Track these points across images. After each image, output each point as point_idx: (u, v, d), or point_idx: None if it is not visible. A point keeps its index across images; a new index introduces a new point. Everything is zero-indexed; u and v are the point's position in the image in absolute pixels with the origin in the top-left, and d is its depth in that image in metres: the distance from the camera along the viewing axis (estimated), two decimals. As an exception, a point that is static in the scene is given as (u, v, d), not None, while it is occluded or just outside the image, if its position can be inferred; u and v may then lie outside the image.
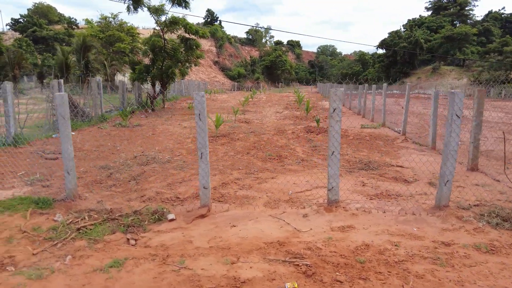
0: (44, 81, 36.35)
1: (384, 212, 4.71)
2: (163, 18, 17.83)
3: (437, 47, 58.85)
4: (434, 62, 57.54)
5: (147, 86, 22.27)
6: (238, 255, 3.55)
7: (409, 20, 71.47)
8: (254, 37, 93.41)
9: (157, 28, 18.65)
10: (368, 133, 11.68)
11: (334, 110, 4.51)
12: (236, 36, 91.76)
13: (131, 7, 16.95)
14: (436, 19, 68.04)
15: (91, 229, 4.25)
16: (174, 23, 17.35)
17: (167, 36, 18.48)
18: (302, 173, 6.79)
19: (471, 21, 68.94)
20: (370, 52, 79.15)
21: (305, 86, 73.69)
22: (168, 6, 17.34)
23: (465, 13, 70.19)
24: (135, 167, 7.33)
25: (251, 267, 3.32)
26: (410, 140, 10.40)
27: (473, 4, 69.49)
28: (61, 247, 3.89)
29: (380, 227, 4.25)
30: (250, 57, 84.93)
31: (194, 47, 17.48)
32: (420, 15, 73.33)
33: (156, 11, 16.98)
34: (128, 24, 40.06)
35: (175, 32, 18.88)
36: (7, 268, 3.47)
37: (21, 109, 12.18)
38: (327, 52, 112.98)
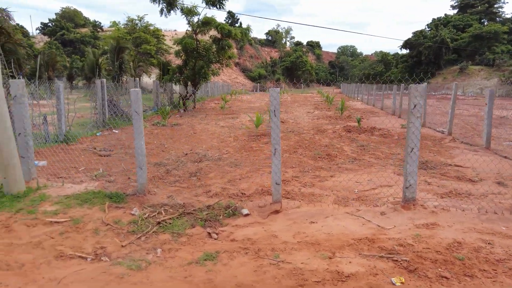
0: (73, 82, 37.45)
1: (463, 210, 4.56)
2: (195, 19, 18.04)
3: (464, 46, 57.13)
4: (461, 61, 55.85)
5: (176, 87, 22.59)
6: (332, 250, 3.50)
7: (433, 19, 69.69)
8: (274, 38, 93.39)
9: (189, 29, 18.87)
10: (411, 132, 11.40)
11: (414, 106, 4.40)
12: (256, 38, 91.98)
13: (165, 9, 17.23)
14: (463, 17, 66.04)
15: (170, 223, 4.30)
16: (206, 23, 17.52)
17: (199, 36, 18.66)
18: (360, 172, 6.68)
19: (500, 19, 66.55)
20: (391, 52, 77.73)
21: (324, 87, 72.99)
22: (200, 8, 17.46)
23: (494, 10, 67.83)
24: (189, 164, 7.40)
25: (350, 262, 3.27)
26: (458, 140, 10.08)
27: (502, 1, 67.06)
28: (146, 240, 3.94)
29: (465, 225, 4.11)
30: (270, 58, 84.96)
31: (226, 48, 17.58)
32: (445, 14, 71.41)
33: (189, 12, 17.19)
34: (154, 26, 40.81)
35: (205, 33, 19.08)
36: (102, 258, 3.54)
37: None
38: (347, 52, 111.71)
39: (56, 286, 3.02)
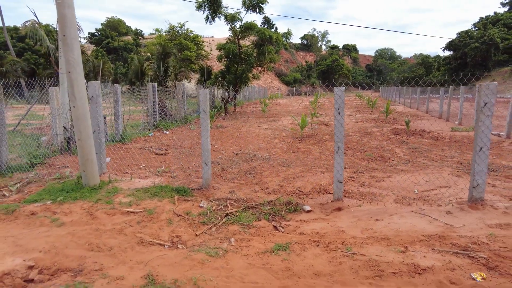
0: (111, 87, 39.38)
1: (538, 213, 4.35)
2: (237, 24, 18.49)
3: (516, 46, 53.48)
4: (512, 62, 52.32)
5: (217, 91, 23.18)
6: (404, 245, 3.51)
7: (481, 18, 65.98)
8: (310, 42, 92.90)
9: (231, 34, 19.36)
10: (463, 136, 10.95)
11: (485, 105, 4.29)
12: (291, 42, 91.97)
13: (210, 16, 17.82)
14: (514, 15, 61.96)
15: (237, 216, 4.50)
16: (248, 29, 17.90)
17: (240, 42, 19.08)
18: (416, 173, 6.54)
19: (557, 16, 61.63)
20: (432, 55, 74.44)
21: (362, 90, 71.28)
22: (243, 13, 17.86)
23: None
24: (241, 163, 7.63)
25: (425, 256, 3.27)
26: (518, 143, 9.53)
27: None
28: (217, 230, 4.16)
29: (543, 228, 3.93)
30: (306, 62, 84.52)
31: (267, 52, 17.83)
32: (495, 12, 67.37)
33: (232, 18, 17.66)
34: (193, 33, 42.18)
35: (246, 38, 19.48)
36: (178, 246, 3.80)
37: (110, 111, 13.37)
38: (385, 55, 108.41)
39: (144, 268, 3.29)
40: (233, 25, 18.35)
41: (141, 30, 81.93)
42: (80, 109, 5.01)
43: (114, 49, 63.89)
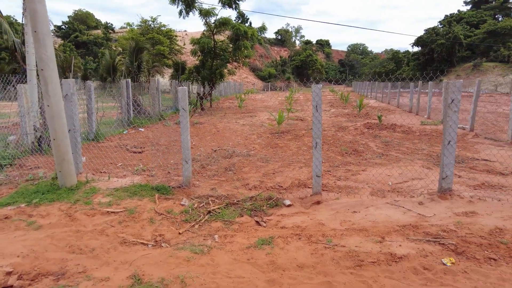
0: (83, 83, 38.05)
1: (499, 200, 4.70)
2: (212, 19, 18.32)
3: (478, 42, 56.32)
4: (475, 58, 55.10)
5: (192, 86, 22.92)
6: (381, 235, 3.70)
7: (446, 16, 68.86)
8: (284, 37, 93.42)
9: (206, 29, 19.16)
10: (432, 129, 11.50)
11: (452, 101, 4.56)
12: (265, 37, 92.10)
13: (184, 10, 17.54)
14: (476, 13, 65.12)
15: (219, 212, 4.55)
16: (223, 24, 17.78)
17: (215, 37, 18.93)
18: (390, 166, 6.84)
19: (515, 15, 65.38)
20: (402, 50, 77.02)
21: (335, 86, 72.53)
22: (217, 8, 17.70)
23: (509, 5, 66.70)
24: (220, 159, 7.66)
25: (400, 245, 3.47)
26: (480, 136, 10.14)
27: (517, -4, 65.83)
28: (200, 228, 4.20)
29: (504, 214, 4.26)
30: (280, 57, 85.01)
31: (243, 48, 17.80)
32: (458, 10, 70.53)
33: (207, 13, 17.48)
34: (166, 27, 41.33)
35: (221, 33, 19.34)
36: (162, 245, 3.81)
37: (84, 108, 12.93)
38: (357, 50, 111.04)
39: (129, 268, 3.28)
40: (207, 20, 18.16)
41: (112, 24, 79.32)
42: (54, 108, 4.86)
43: (83, 44, 61.43)
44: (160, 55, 36.35)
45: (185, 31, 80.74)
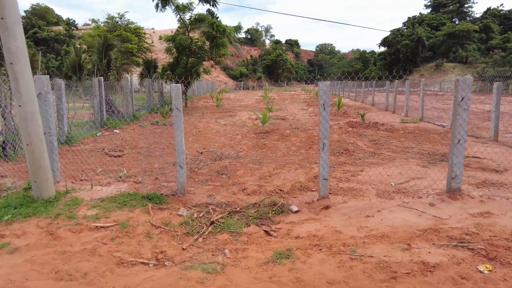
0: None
1: (508, 199, 4.65)
2: (187, 15, 17.66)
3: (439, 44, 59.24)
4: (436, 59, 57.90)
5: (166, 85, 22.06)
6: (405, 242, 3.46)
7: (409, 18, 71.87)
8: (254, 36, 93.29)
9: (180, 25, 18.44)
10: (414, 127, 11.66)
11: (462, 99, 4.44)
12: (235, 36, 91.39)
13: (160, 4, 16.73)
14: (436, 16, 68.49)
15: (223, 222, 4.13)
16: (199, 20, 17.18)
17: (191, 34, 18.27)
18: (385, 165, 6.71)
19: (471, 18, 69.47)
20: (368, 50, 79.42)
21: (305, 85, 73.43)
22: (195, 3, 17.06)
23: (464, 10, 70.77)
24: (209, 162, 7.20)
25: (429, 252, 3.25)
26: (461, 132, 10.34)
27: (472, 1, 70.04)
28: (205, 241, 3.77)
29: (517, 214, 4.18)
30: (251, 56, 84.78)
31: (220, 46, 17.29)
32: (420, 13, 73.86)
33: (184, 8, 16.79)
34: (135, 24, 39.73)
35: (195, 30, 18.71)
36: (165, 264, 3.34)
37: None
38: (325, 50, 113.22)
39: (131, 294, 2.81)
40: (182, 16, 17.46)
41: (74, 21, 75.30)
42: (28, 108, 4.21)
43: (44, 40, 57.73)
44: (128, 53, 34.84)
45: (152, 29, 78.36)
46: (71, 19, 75.23)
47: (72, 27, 69.71)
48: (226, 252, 3.47)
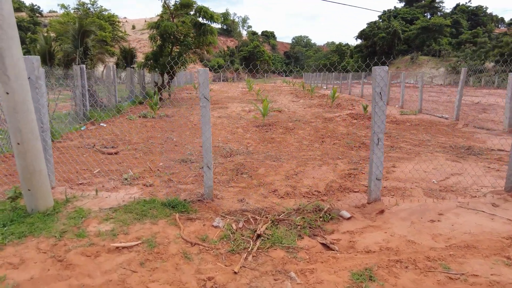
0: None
1: None
2: (172, 1, 16.49)
3: (413, 37, 60.49)
4: (411, 52, 59.14)
5: (149, 75, 20.79)
6: (502, 254, 2.93)
7: (385, 11, 72.91)
8: (230, 27, 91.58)
9: (162, 11, 17.24)
10: (416, 119, 11.38)
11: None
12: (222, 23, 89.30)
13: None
14: (410, 10, 69.89)
15: (270, 234, 3.44)
16: (185, 6, 16.08)
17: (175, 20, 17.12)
18: (414, 160, 6.24)
19: (441, 13, 71.49)
20: (343, 43, 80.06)
21: (282, 77, 73.24)
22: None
23: (436, 5, 72.66)
24: (220, 159, 6.45)
25: (541, 270, 2.72)
26: (469, 125, 10.13)
27: (443, -4, 71.91)
28: (256, 260, 3.07)
29: None
30: (227, 47, 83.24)
31: (208, 34, 16.30)
32: (395, 7, 75.08)
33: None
34: (108, 12, 37.47)
35: (179, 17, 17.56)
36: (217, 293, 2.62)
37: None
38: (301, 43, 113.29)
39: None
40: (167, 2, 16.28)
41: (39, 7, 70.40)
42: (18, 97, 3.30)
43: (3, 27, 53.51)
44: (102, 42, 32.76)
45: (124, 17, 75.00)
46: (35, 5, 70.35)
47: (37, 14, 65.24)
48: (293, 275, 2.79)
